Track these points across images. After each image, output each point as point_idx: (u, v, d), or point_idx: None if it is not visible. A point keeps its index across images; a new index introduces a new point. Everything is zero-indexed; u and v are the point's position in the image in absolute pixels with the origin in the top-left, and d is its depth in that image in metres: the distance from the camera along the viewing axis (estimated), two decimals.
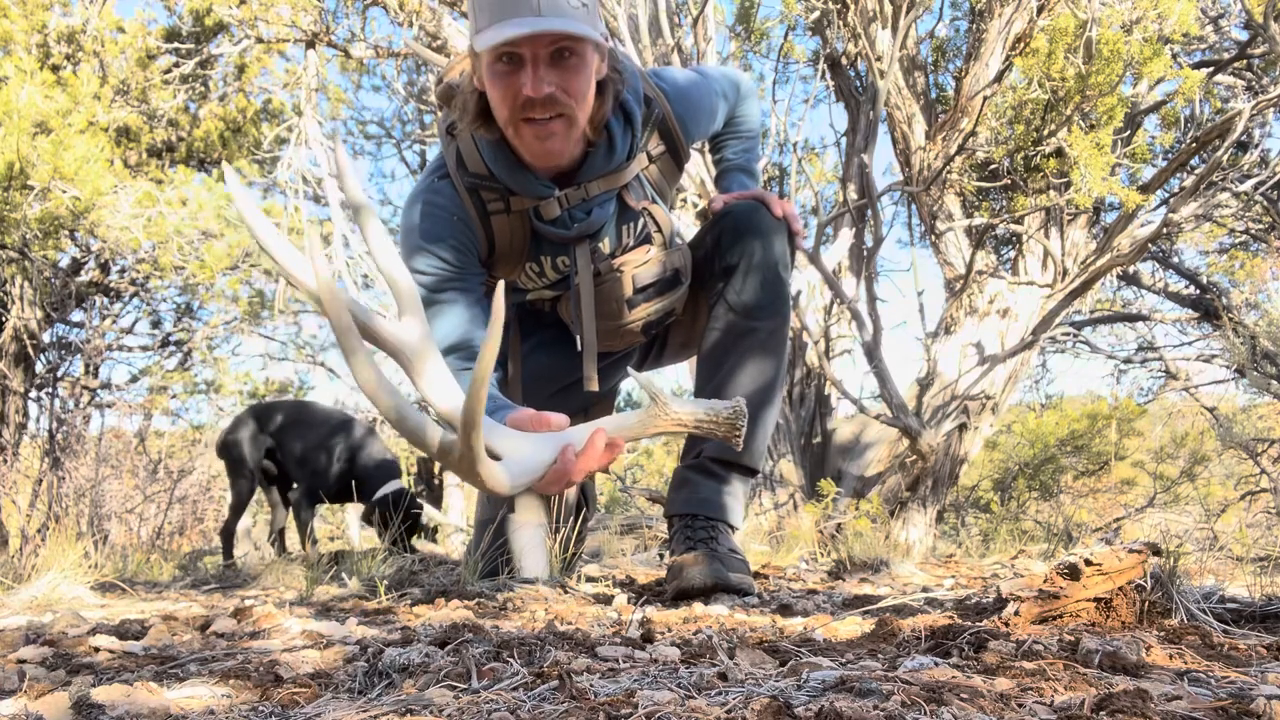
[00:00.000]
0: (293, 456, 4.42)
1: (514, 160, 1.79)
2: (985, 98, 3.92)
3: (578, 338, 2.05)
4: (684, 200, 4.07)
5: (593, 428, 1.35)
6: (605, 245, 1.96)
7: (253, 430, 4.45)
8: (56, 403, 5.36)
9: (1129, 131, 3.86)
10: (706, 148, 2.38)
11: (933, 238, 4.41)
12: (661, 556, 2.82)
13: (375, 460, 4.39)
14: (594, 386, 2.00)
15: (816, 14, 4.52)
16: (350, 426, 4.49)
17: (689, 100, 1.98)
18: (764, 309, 1.98)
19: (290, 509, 4.54)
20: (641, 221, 1.96)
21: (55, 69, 4.91)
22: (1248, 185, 4.24)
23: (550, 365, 2.15)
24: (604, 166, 1.84)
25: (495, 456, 1.25)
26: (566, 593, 1.94)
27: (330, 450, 4.36)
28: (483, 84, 1.71)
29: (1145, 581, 1.22)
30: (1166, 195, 4.40)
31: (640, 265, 1.98)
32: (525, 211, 1.87)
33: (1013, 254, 4.39)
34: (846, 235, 4.53)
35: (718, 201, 2.07)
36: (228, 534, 4.48)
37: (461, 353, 1.79)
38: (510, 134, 1.74)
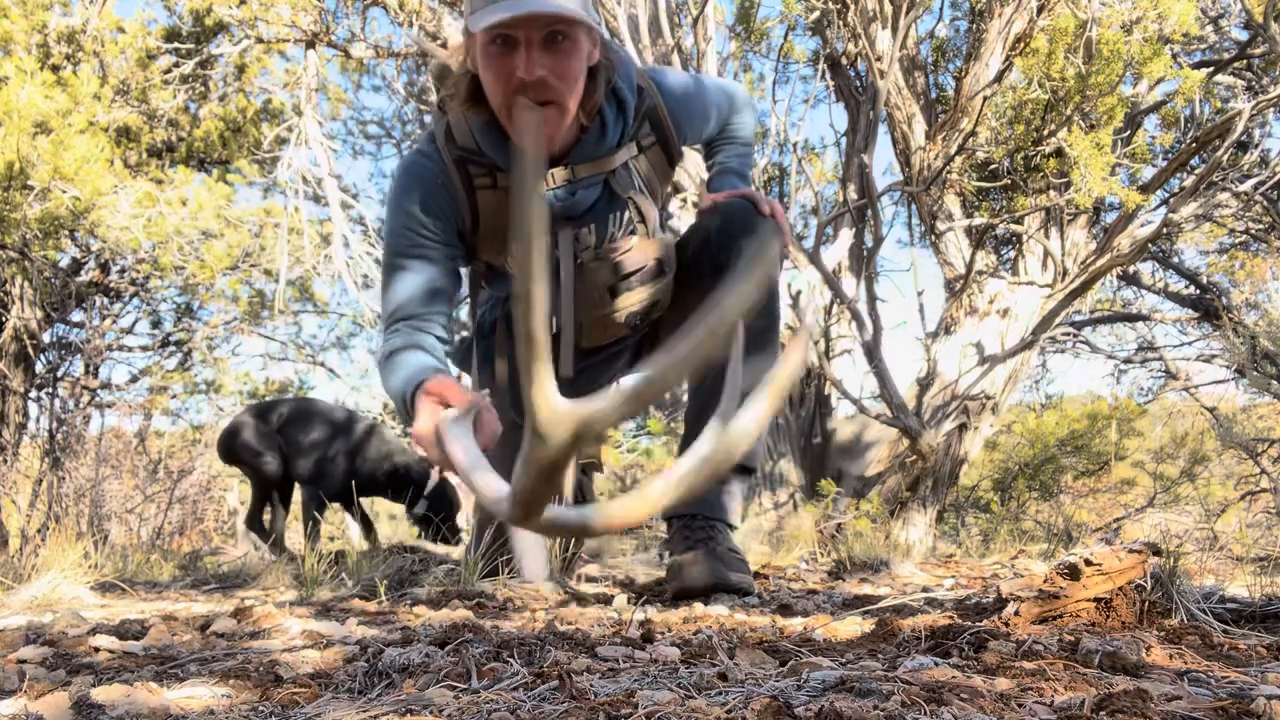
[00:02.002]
0: (303, 454, 4.37)
1: (502, 138, 1.80)
2: (985, 98, 3.92)
3: (553, 320, 2.05)
4: (684, 200, 4.07)
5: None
6: (591, 234, 1.96)
7: (258, 425, 4.42)
8: (56, 403, 5.35)
9: (1129, 131, 3.86)
10: (701, 153, 2.39)
11: (933, 238, 4.41)
12: (661, 556, 2.82)
13: (411, 455, 4.37)
14: (568, 373, 2.00)
15: (816, 14, 4.51)
16: (356, 424, 4.46)
17: (681, 98, 2.00)
18: (754, 308, 1.99)
19: (300, 506, 4.50)
20: (627, 213, 1.97)
21: (55, 69, 4.90)
22: (1248, 185, 4.24)
23: None
24: (594, 151, 1.86)
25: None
26: (566, 593, 1.94)
27: (347, 448, 4.32)
28: (475, 65, 1.73)
29: (1145, 581, 1.22)
30: (1166, 195, 4.40)
31: (625, 253, 1.99)
32: (511, 188, 1.87)
33: (1013, 254, 4.39)
34: (846, 235, 4.53)
35: (707, 201, 2.08)
36: (255, 521, 4.40)
37: (410, 321, 1.80)
38: (503, 117, 1.75)
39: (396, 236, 1.85)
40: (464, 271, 2.01)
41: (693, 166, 3.95)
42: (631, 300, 2.02)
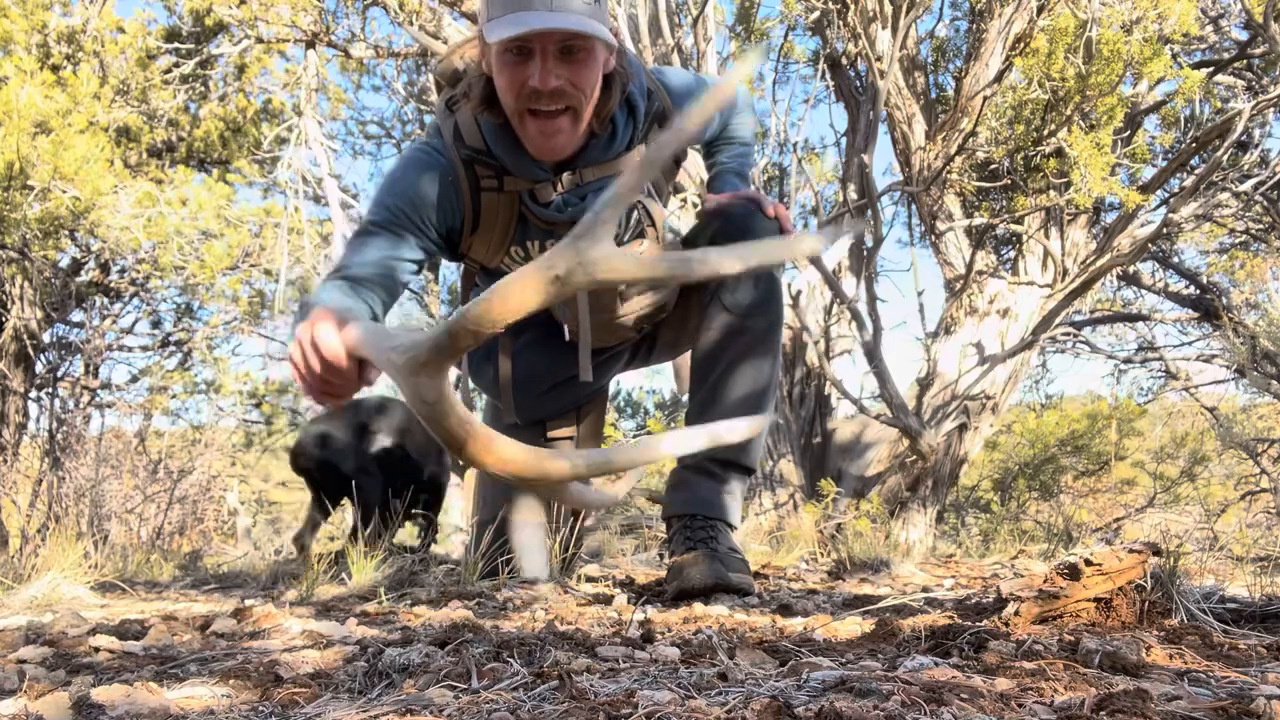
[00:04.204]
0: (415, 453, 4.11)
1: (515, 143, 1.80)
2: (985, 98, 3.92)
3: (565, 326, 2.04)
4: (684, 200, 4.07)
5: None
6: None
7: (354, 436, 4.05)
8: (56, 403, 5.35)
9: (1129, 131, 3.86)
10: (701, 154, 2.39)
11: (933, 238, 4.41)
12: (661, 556, 2.82)
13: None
14: (588, 377, 2.00)
15: (816, 14, 4.51)
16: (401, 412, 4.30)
17: (686, 98, 1.99)
18: (758, 308, 1.99)
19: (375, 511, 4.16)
20: (635, 215, 1.96)
21: (55, 69, 4.90)
22: (1248, 185, 4.24)
23: (541, 363, 2.15)
24: (603, 155, 1.85)
25: None
26: (566, 593, 1.94)
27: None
28: (490, 69, 1.72)
29: (1145, 581, 1.22)
30: (1166, 195, 4.40)
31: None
32: (517, 193, 1.87)
33: (1013, 254, 4.39)
34: (847, 235, 4.52)
35: (711, 202, 2.08)
36: (373, 535, 4.14)
37: (349, 281, 1.72)
38: (515, 123, 1.74)
39: (384, 209, 1.80)
40: (425, 275, 1.99)
41: (692, 166, 3.95)
42: (639, 304, 2.02)
